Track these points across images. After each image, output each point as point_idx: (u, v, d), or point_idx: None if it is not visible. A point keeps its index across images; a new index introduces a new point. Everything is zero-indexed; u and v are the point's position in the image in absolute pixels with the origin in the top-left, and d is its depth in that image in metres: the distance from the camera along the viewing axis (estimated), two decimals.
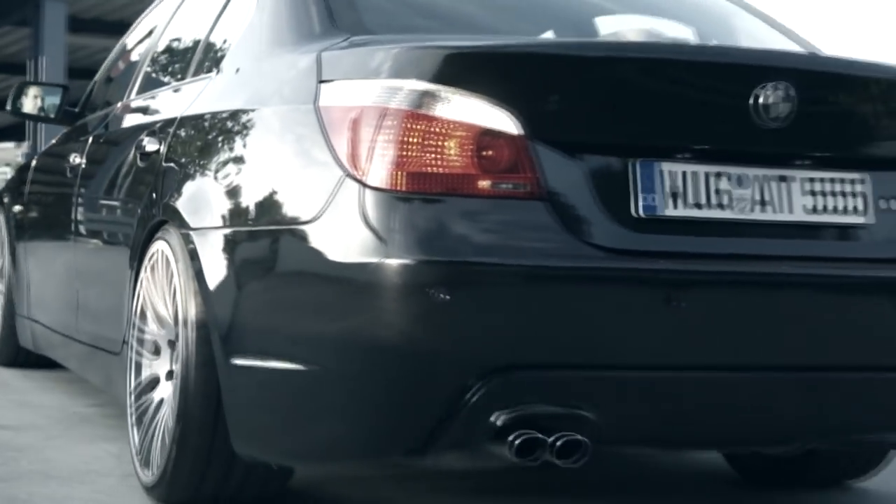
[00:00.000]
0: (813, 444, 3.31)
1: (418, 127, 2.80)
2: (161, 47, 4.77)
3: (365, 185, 2.79)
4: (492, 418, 2.74)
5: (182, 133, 3.70)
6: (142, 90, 4.69)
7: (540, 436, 2.74)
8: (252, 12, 3.75)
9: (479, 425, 2.75)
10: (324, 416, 2.91)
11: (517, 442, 2.73)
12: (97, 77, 5.68)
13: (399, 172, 2.78)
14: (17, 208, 5.97)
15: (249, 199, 3.17)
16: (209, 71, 3.91)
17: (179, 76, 4.28)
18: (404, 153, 2.79)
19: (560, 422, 2.78)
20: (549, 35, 3.94)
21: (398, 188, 2.77)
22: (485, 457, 2.86)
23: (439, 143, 2.80)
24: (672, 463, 4.36)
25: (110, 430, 4.34)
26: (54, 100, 5.63)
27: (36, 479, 3.58)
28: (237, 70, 3.67)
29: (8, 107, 5.69)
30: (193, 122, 3.66)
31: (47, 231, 5.47)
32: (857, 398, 3.06)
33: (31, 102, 5.64)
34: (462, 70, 2.86)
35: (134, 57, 5.14)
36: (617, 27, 3.94)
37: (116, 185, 4.31)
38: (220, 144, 3.43)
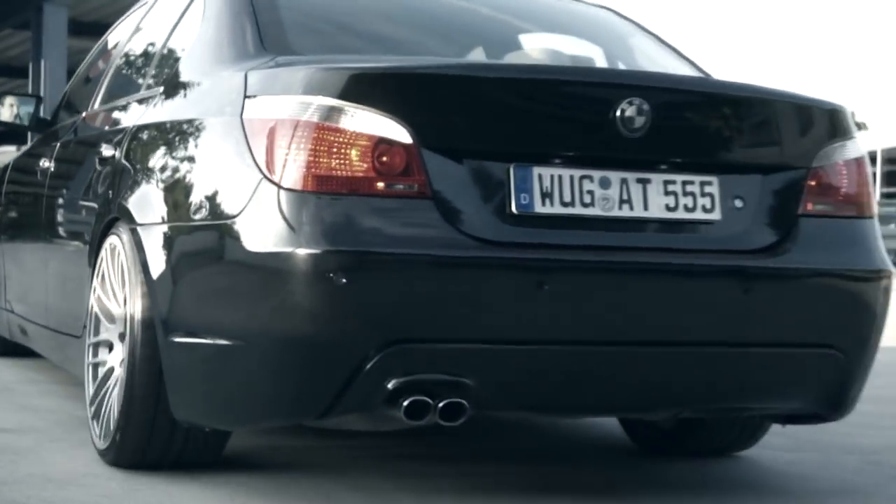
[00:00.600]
0: (675, 413, 3.82)
1: (325, 137, 3.31)
2: (121, 62, 5.28)
3: (280, 187, 3.31)
4: (386, 384, 3.25)
5: (134, 140, 4.21)
6: (104, 101, 5.16)
7: (427, 400, 3.26)
8: (197, 33, 4.28)
9: (375, 390, 3.27)
10: (246, 385, 3.43)
11: (406, 404, 3.25)
12: (67, 88, 6.21)
13: (308, 175, 3.30)
14: None
15: (185, 198, 3.69)
16: (159, 85, 4.40)
17: (135, 89, 4.76)
18: (313, 159, 3.30)
19: (444, 388, 3.30)
20: (476, 52, 4.49)
21: (307, 189, 3.29)
22: (381, 419, 3.39)
23: (343, 150, 3.31)
24: (575, 435, 4.93)
25: None
26: (28, 108, 6.10)
27: (36, 482, 3.54)
28: (183, 85, 4.17)
29: None
30: (144, 130, 4.17)
31: (21, 229, 5.99)
32: (710, 371, 3.60)
33: (7, 111, 6.10)
34: (363, 88, 3.38)
35: (98, 70, 5.61)
36: (533, 45, 4.48)
37: (79, 187, 4.82)
38: (164, 150, 3.96)
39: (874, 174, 12.77)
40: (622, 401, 3.65)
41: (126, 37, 5.38)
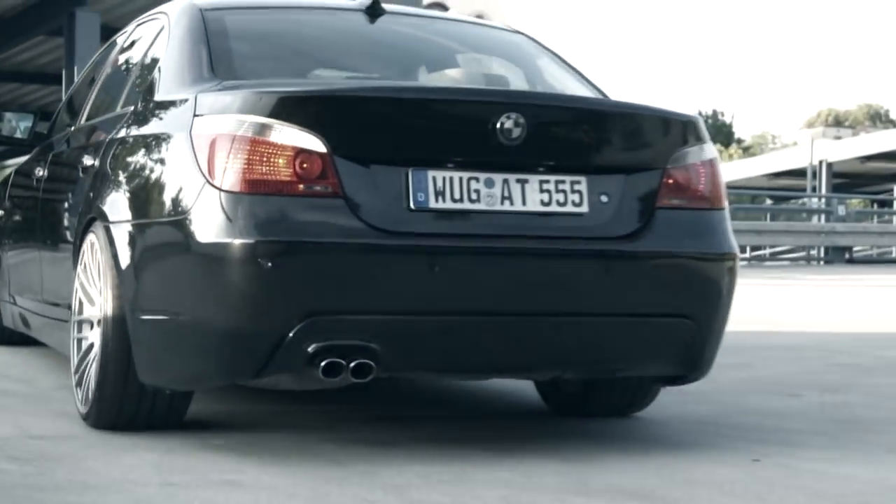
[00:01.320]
0: (556, 374, 4.56)
1: (256, 148, 4.04)
2: (102, 83, 6.04)
3: (220, 189, 4.05)
4: (306, 349, 3.98)
5: (109, 152, 4.96)
6: (89, 117, 5.92)
7: (340, 361, 3.99)
8: (162, 59, 5.05)
9: (297, 354, 3.99)
10: (196, 352, 4.18)
11: (323, 365, 3.97)
12: (61, 104, 6.94)
13: (243, 180, 4.03)
14: None
15: (146, 200, 4.47)
16: (130, 104, 5.15)
17: (112, 107, 5.50)
18: (247, 166, 4.03)
19: (354, 351, 4.02)
20: (409, 72, 5.31)
21: (242, 191, 4.02)
22: (305, 379, 4.10)
23: (270, 159, 4.04)
24: (489, 397, 5.74)
25: (148, 439, 4.27)
26: (27, 123, 6.80)
27: (75, 488, 3.52)
28: (148, 104, 4.92)
29: None
30: (118, 143, 4.92)
31: (19, 230, 6.79)
32: (581, 337, 4.37)
33: (6, 126, 6.84)
34: (287, 108, 4.10)
35: (84, 91, 6.37)
36: (460, 67, 5.36)
37: (66, 192, 5.65)
38: (132, 160, 4.73)
39: None
40: (507, 363, 4.41)
41: (109, 61, 6.16)
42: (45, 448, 4.10)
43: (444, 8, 24.42)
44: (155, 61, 5.15)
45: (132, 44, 5.82)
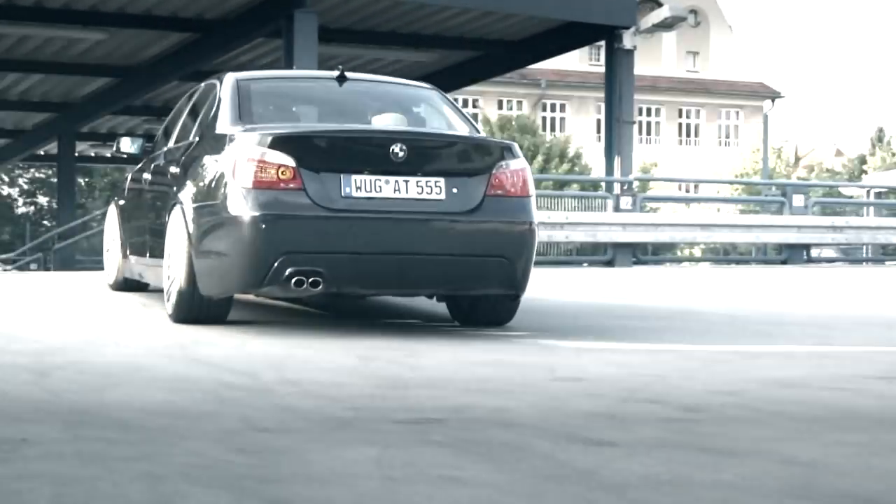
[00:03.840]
0: (432, 293, 8.30)
1: (259, 164, 7.49)
2: (182, 121, 9.54)
3: (241, 187, 7.50)
4: (285, 271, 7.38)
5: (185, 164, 8.50)
6: (175, 142, 9.39)
7: (303, 278, 7.40)
8: (213, 108, 8.57)
9: (280, 275, 7.38)
10: (228, 274, 7.64)
11: (294, 281, 7.40)
12: (160, 131, 10.39)
13: (252, 180, 7.49)
14: (121, 202, 10.83)
15: (202, 192, 7.96)
16: (196, 136, 8.71)
17: (186, 136, 9.06)
18: (254, 173, 7.48)
19: (310, 274, 7.42)
20: (361, 116, 8.71)
21: (251, 187, 7.47)
22: (285, 290, 7.55)
23: (266, 170, 7.47)
24: (411, 311, 9.75)
25: (370, 433, 4.39)
26: (139, 142, 10.49)
27: (298, 480, 3.61)
28: (206, 137, 8.47)
29: (114, 150, 10.96)
30: (189, 159, 8.49)
31: (133, 212, 10.29)
32: (443, 269, 7.76)
33: (126, 145, 10.40)
34: (274, 142, 7.53)
35: (173, 122, 9.91)
36: (382, 116, 8.52)
37: (161, 188, 9.18)
38: (195, 169, 8.27)
39: None
40: (400, 284, 7.98)
41: (185, 106, 9.71)
42: (269, 441, 4.22)
43: (659, 4, 24.22)
44: (210, 109, 8.70)
45: (199, 97, 9.35)
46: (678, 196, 44.09)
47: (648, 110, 60.49)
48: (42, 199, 49.41)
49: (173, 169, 8.70)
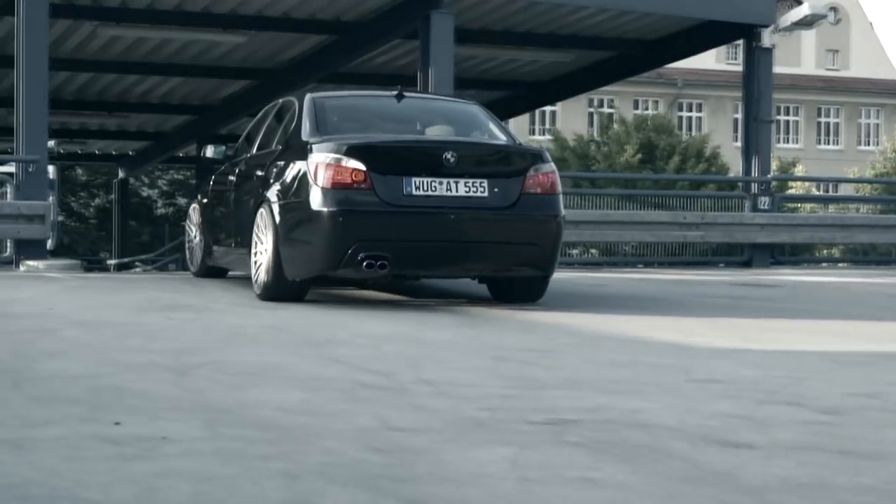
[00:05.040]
0: (478, 274, 10.15)
1: (336, 168, 9.34)
2: (265, 130, 11.46)
3: (320, 187, 9.37)
4: (358, 256, 9.23)
5: (269, 168, 10.27)
6: (258, 149, 11.29)
7: (373, 262, 9.23)
8: (294, 121, 10.41)
9: (354, 258, 9.24)
10: (310, 259, 9.54)
11: (365, 264, 9.24)
12: (239, 140, 12.43)
13: (330, 182, 9.33)
14: (204, 201, 12.87)
15: (287, 191, 9.77)
16: (279, 145, 10.57)
17: (270, 145, 10.92)
18: (331, 176, 9.32)
19: (379, 258, 9.24)
20: (420, 128, 10.74)
21: (329, 187, 9.33)
22: (358, 272, 9.34)
23: (342, 173, 9.32)
24: (454, 291, 11.64)
25: (504, 434, 4.36)
26: (221, 149, 12.86)
27: (433, 480, 3.61)
28: (288, 145, 10.26)
29: (200, 155, 13.16)
30: (273, 164, 10.23)
31: (218, 210, 12.26)
32: (488, 253, 9.70)
33: (210, 151, 13.10)
34: (350, 150, 9.37)
35: (254, 134, 11.88)
36: (434, 128, 10.62)
37: (247, 188, 11.00)
38: (279, 173, 10.05)
39: None
40: (454, 267, 9.84)
41: (268, 118, 11.69)
42: (404, 440, 4.23)
43: (799, 2, 23.85)
44: (290, 122, 10.57)
45: (280, 111, 11.27)
46: (817, 196, 43.42)
47: (787, 109, 59.71)
48: (181, 201, 50.21)
49: (259, 172, 10.67)
